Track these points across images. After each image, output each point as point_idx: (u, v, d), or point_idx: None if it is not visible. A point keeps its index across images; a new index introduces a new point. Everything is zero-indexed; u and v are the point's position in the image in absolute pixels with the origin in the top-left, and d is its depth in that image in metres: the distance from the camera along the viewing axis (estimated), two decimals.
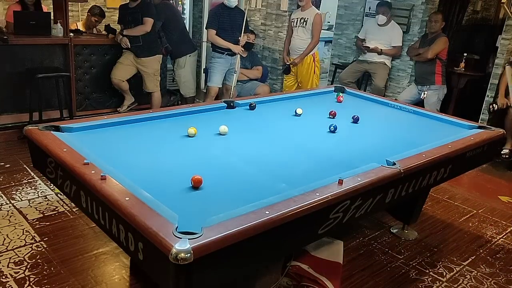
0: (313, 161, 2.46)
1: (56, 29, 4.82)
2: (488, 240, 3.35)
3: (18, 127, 4.39)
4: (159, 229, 1.55)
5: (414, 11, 5.44)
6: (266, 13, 6.21)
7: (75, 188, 2.08)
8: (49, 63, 4.84)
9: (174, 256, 1.43)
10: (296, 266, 2.58)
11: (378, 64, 5.48)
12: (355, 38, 5.99)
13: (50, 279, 2.51)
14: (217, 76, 5.15)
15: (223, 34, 5.01)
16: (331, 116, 3.18)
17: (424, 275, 2.85)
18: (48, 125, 2.50)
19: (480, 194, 4.18)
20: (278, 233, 1.76)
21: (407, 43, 5.47)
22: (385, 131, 3.08)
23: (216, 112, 3.19)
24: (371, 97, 3.94)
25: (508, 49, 4.81)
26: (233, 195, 1.99)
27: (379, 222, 3.41)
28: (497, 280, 2.86)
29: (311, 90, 4.35)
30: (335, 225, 2.06)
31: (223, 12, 5.01)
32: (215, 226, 1.61)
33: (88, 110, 5.14)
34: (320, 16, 5.28)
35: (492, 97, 4.90)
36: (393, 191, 2.37)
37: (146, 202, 1.74)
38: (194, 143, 2.59)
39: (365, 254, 3.02)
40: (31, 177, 3.69)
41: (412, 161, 2.41)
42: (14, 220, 3.07)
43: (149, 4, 4.94)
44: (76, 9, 7.00)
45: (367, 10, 5.93)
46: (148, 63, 5.03)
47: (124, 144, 2.50)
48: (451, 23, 5.76)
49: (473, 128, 3.14)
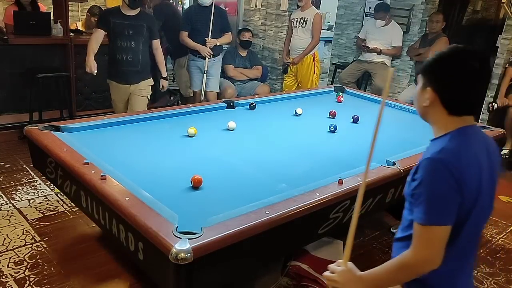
0: (313, 161, 2.46)
1: (56, 29, 4.82)
2: (488, 240, 3.35)
3: (18, 127, 4.38)
4: (159, 229, 1.56)
5: (414, 11, 5.44)
6: (266, 13, 6.20)
7: (75, 188, 2.08)
8: (49, 63, 4.83)
9: (174, 256, 1.43)
10: (296, 266, 2.58)
11: (378, 64, 5.48)
12: (355, 38, 5.99)
13: (50, 279, 2.50)
14: (195, 79, 4.89)
15: (195, 35, 4.61)
16: (331, 116, 3.18)
17: None
18: (48, 125, 2.50)
19: None
20: (278, 233, 1.76)
21: (407, 43, 5.47)
22: (385, 131, 3.06)
23: (216, 112, 3.19)
24: (371, 97, 3.94)
25: (508, 49, 4.81)
26: (233, 195, 1.99)
27: (379, 222, 3.41)
28: (497, 280, 2.86)
29: (311, 90, 4.35)
30: (335, 225, 2.06)
31: (196, 12, 4.70)
32: (215, 226, 1.61)
33: (88, 110, 5.13)
34: (320, 16, 5.28)
35: (492, 97, 4.89)
36: (393, 191, 2.37)
37: (146, 202, 1.74)
38: (194, 143, 2.59)
39: (365, 254, 3.02)
40: (31, 177, 3.69)
41: (412, 161, 2.41)
42: (14, 220, 3.07)
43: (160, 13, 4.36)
44: (76, 9, 7.00)
45: (367, 10, 5.94)
46: (144, 86, 4.00)
47: (124, 144, 2.50)
48: (451, 23, 5.76)
49: None
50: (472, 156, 1.31)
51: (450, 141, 1.32)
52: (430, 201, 1.27)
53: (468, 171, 1.28)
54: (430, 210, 1.26)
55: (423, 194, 1.28)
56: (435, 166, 1.27)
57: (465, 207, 1.29)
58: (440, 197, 1.26)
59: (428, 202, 1.27)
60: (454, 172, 1.25)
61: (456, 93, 1.33)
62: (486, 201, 1.36)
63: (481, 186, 1.32)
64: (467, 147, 1.32)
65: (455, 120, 1.35)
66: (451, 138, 1.33)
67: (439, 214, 1.26)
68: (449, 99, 1.34)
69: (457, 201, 1.27)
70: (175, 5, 6.78)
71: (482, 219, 1.41)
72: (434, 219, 1.26)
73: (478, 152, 1.34)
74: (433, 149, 1.32)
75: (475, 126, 1.40)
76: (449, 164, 1.26)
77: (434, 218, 1.26)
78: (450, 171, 1.25)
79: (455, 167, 1.26)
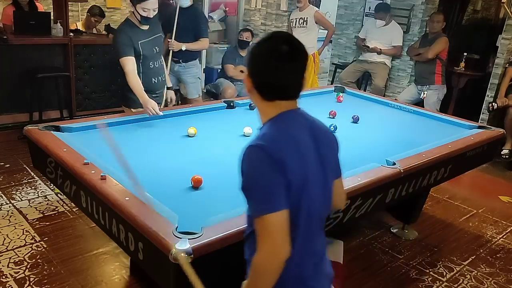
0: None
1: (56, 29, 4.82)
2: (488, 240, 3.35)
3: (18, 127, 4.38)
4: (159, 229, 1.55)
5: (414, 11, 5.44)
6: (266, 13, 6.21)
7: (75, 188, 2.08)
8: (49, 63, 4.83)
9: (174, 256, 1.43)
10: None
11: (378, 64, 5.48)
12: (355, 38, 5.99)
13: (50, 279, 2.51)
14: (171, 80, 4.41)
15: (176, 37, 4.27)
16: (331, 116, 3.18)
17: (424, 275, 2.85)
18: (48, 125, 2.50)
19: (480, 194, 4.18)
20: None
21: (407, 43, 5.47)
22: (385, 131, 3.08)
23: (216, 112, 3.19)
24: (371, 97, 3.94)
25: (508, 49, 4.81)
26: (233, 195, 1.98)
27: (379, 222, 3.41)
28: (497, 280, 2.86)
29: (311, 90, 4.34)
30: (335, 225, 2.06)
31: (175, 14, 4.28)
32: (215, 226, 1.61)
33: (88, 110, 5.13)
34: (320, 12, 5.30)
35: (492, 97, 4.90)
36: (393, 191, 2.37)
37: (146, 202, 1.74)
38: (194, 143, 2.59)
39: (365, 254, 3.02)
40: (31, 177, 3.69)
41: (412, 161, 2.41)
42: (14, 220, 3.07)
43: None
44: (76, 9, 6.98)
45: (367, 10, 5.94)
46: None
47: (124, 144, 2.49)
48: (451, 23, 5.76)
49: (473, 128, 3.14)
50: (290, 139, 1.29)
51: (269, 128, 1.32)
52: (256, 190, 1.23)
53: (288, 152, 1.25)
54: (259, 199, 1.23)
55: (249, 184, 1.25)
56: (254, 153, 1.25)
57: (295, 188, 1.24)
58: (264, 183, 1.22)
59: (255, 192, 1.24)
60: (273, 154, 1.23)
61: (264, 77, 1.32)
62: (318, 181, 1.33)
63: (307, 167, 1.29)
64: (285, 131, 1.30)
65: (273, 105, 1.34)
66: (271, 124, 1.33)
67: (267, 201, 1.21)
68: (259, 84, 1.33)
69: (281, 182, 1.22)
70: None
71: (320, 201, 1.36)
72: (265, 208, 1.21)
73: (298, 136, 1.31)
74: (255, 137, 1.31)
75: (296, 111, 1.37)
76: (266, 148, 1.24)
77: (265, 207, 1.21)
78: (268, 154, 1.23)
79: (273, 150, 1.24)
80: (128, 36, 3.00)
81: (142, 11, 2.96)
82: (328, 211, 1.45)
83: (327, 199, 1.40)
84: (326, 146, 1.40)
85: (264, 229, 1.22)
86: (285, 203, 1.22)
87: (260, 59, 1.32)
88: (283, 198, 1.22)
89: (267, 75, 1.31)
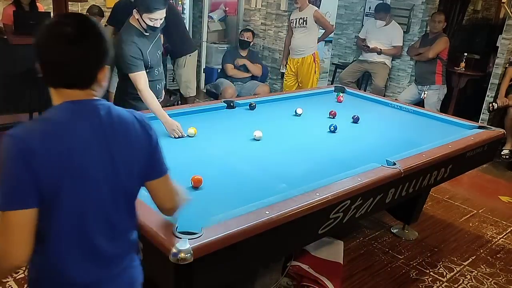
0: (313, 161, 2.46)
1: None
2: (488, 240, 3.35)
3: None
4: (159, 229, 1.55)
5: (414, 11, 5.44)
6: (266, 13, 6.21)
7: None
8: None
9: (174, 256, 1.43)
10: (296, 266, 2.58)
11: (378, 64, 5.48)
12: (355, 38, 5.98)
13: None
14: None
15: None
16: (331, 116, 3.18)
17: (425, 275, 2.85)
18: None
19: (480, 194, 4.18)
20: (278, 233, 1.76)
21: (407, 43, 5.46)
22: (385, 131, 3.08)
23: (216, 112, 3.19)
24: (371, 97, 3.94)
25: (508, 49, 4.81)
26: (233, 195, 1.99)
27: (379, 222, 3.41)
28: (498, 280, 2.86)
29: (311, 90, 4.35)
30: (335, 225, 2.06)
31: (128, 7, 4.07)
32: (215, 226, 1.61)
33: None
34: (319, 12, 5.30)
35: (492, 97, 4.89)
36: (394, 191, 2.37)
37: (146, 202, 1.74)
38: (194, 143, 2.59)
39: (365, 254, 3.02)
40: None
41: (412, 161, 2.41)
42: None
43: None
44: (76, 9, 6.98)
45: (367, 10, 5.94)
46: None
47: None
48: (452, 23, 5.76)
49: (473, 128, 3.14)
50: (56, 130, 1.17)
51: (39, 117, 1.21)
52: (3, 183, 1.12)
53: (44, 144, 1.13)
54: (4, 193, 1.12)
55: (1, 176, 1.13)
56: (7, 143, 1.13)
57: (49, 184, 1.13)
58: (10, 178, 1.12)
59: (2, 184, 1.12)
60: (21, 144, 1.11)
61: (40, 60, 1.19)
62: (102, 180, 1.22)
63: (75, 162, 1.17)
64: (51, 121, 1.18)
65: (58, 93, 1.21)
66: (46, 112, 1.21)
67: (11, 197, 1.11)
68: (40, 68, 1.20)
69: (28, 178, 1.10)
70: (175, 5, 6.78)
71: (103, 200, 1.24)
72: (8, 204, 1.11)
73: (71, 128, 1.18)
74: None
75: (85, 102, 1.23)
76: (19, 140, 1.12)
77: (9, 203, 1.11)
78: (18, 146, 1.11)
79: (24, 139, 1.12)
80: (138, 48, 2.84)
81: (149, 21, 2.81)
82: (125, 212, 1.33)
83: (119, 200, 1.29)
84: (125, 145, 1.28)
85: (4, 225, 1.12)
86: (29, 203, 1.12)
87: (38, 41, 1.18)
88: (28, 197, 1.12)
89: (43, 59, 1.19)
